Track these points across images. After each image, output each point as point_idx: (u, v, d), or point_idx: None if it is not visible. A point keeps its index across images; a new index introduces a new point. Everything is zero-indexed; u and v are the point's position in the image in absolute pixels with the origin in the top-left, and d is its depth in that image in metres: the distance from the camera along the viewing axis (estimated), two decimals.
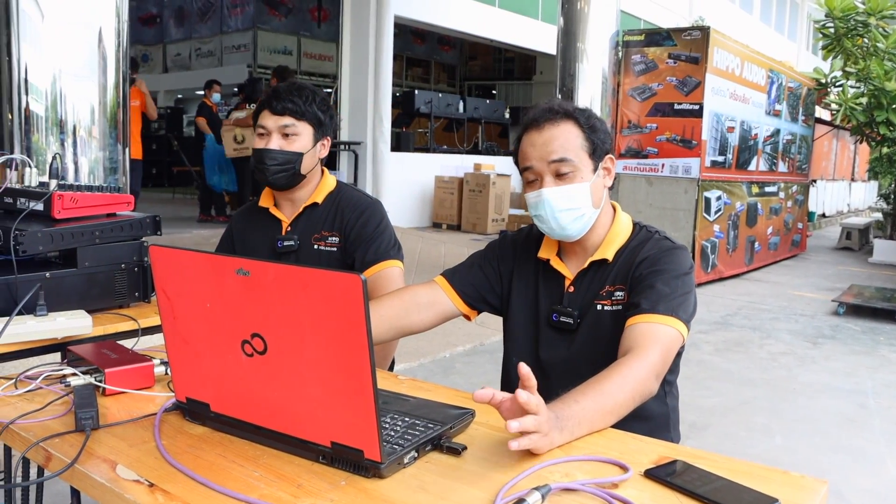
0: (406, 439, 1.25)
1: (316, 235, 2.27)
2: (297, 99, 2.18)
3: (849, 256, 12.03)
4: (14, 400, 1.50)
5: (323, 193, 2.30)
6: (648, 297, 1.61)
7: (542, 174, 1.69)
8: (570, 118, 1.71)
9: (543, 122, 1.70)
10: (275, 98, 2.19)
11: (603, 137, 1.73)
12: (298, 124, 2.19)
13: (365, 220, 2.25)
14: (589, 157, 1.70)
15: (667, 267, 1.67)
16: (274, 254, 2.27)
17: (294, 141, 2.20)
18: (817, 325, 6.76)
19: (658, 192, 8.25)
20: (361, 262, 2.21)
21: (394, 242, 2.27)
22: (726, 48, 8.26)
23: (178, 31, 18.02)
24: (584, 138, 1.70)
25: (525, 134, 1.74)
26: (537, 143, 1.70)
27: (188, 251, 1.28)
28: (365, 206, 2.28)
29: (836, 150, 16.53)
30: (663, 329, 1.57)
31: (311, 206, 2.29)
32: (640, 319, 1.59)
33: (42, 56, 3.43)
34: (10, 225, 1.86)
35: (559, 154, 1.67)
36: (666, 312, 1.59)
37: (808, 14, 23.91)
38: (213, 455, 1.25)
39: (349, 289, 1.07)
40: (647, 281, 1.66)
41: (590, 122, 1.72)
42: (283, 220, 2.30)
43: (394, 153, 10.93)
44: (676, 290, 1.63)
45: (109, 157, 3.65)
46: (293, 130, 2.19)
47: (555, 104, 1.73)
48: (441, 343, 5.27)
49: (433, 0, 11.96)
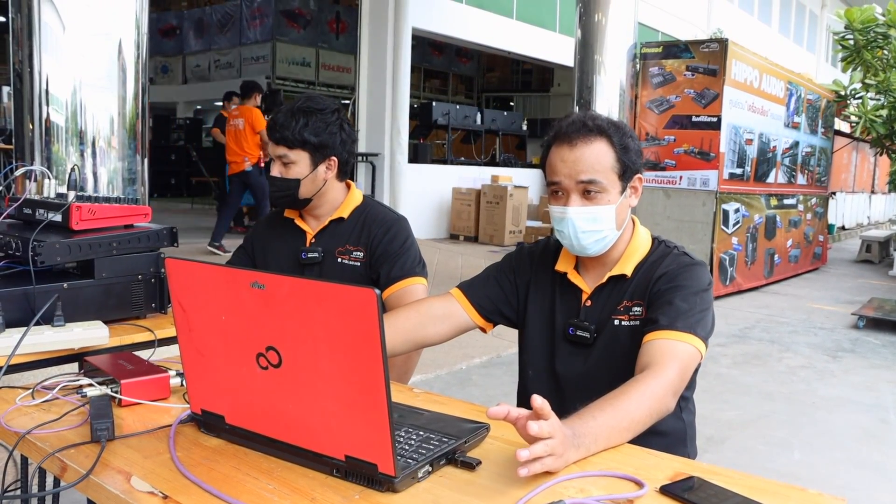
0: (420, 453, 1.24)
1: (340, 249, 2.27)
2: (289, 129, 2.19)
3: (869, 269, 11.92)
4: (31, 410, 1.51)
5: (349, 208, 2.31)
6: (667, 314, 1.60)
7: (569, 191, 1.67)
8: (603, 135, 1.67)
9: (576, 139, 1.66)
10: (271, 126, 2.23)
11: (634, 158, 1.70)
12: (291, 153, 2.21)
13: (391, 237, 2.25)
14: (618, 178, 1.68)
15: (685, 283, 1.66)
16: (297, 265, 2.28)
17: (291, 168, 2.22)
18: (837, 338, 6.70)
19: (676, 205, 8.22)
20: (387, 277, 2.21)
21: (419, 260, 2.27)
22: (745, 60, 8.23)
23: (197, 43, 18.18)
24: (615, 159, 1.67)
25: (555, 145, 1.70)
26: (568, 159, 1.66)
27: (204, 264, 1.29)
28: (391, 222, 2.29)
29: (855, 162, 16.40)
30: (681, 346, 1.55)
31: (337, 220, 2.30)
32: (659, 336, 1.57)
33: (63, 67, 3.47)
34: (29, 235, 1.88)
35: (588, 175, 1.65)
36: (684, 329, 1.57)
37: (827, 26, 23.79)
38: (227, 467, 1.25)
39: (363, 303, 1.07)
40: (666, 297, 1.64)
41: (623, 142, 1.68)
42: (307, 232, 2.31)
43: (411, 165, 10.95)
44: (695, 307, 1.62)
45: (128, 167, 3.67)
46: (287, 159, 2.21)
47: (589, 118, 1.69)
48: (458, 355, 5.25)
49: (451, 12, 12.00)
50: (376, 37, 10.76)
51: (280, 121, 2.20)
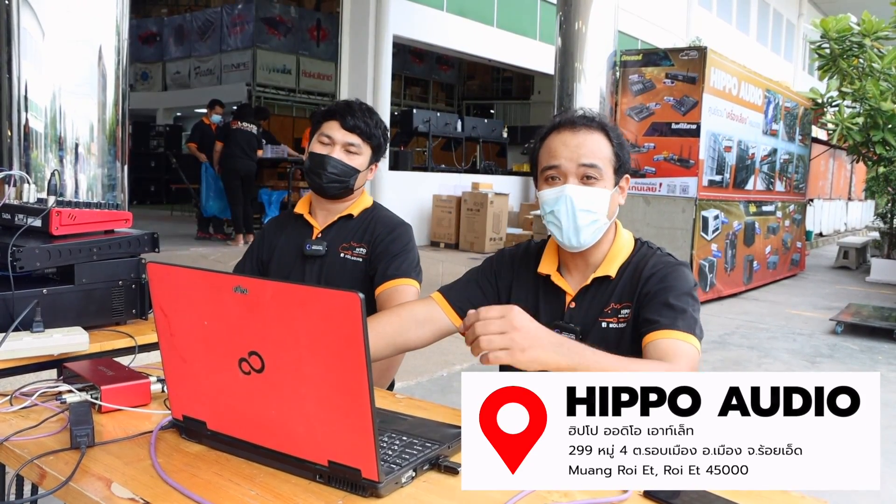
0: (404, 458, 1.24)
1: (344, 245, 2.30)
2: (369, 120, 2.25)
3: (846, 275, 12.03)
4: (9, 417, 1.49)
5: (359, 208, 2.35)
6: (665, 314, 1.61)
7: (567, 174, 1.69)
8: (603, 130, 1.73)
9: (579, 126, 1.71)
10: (349, 113, 2.24)
11: (627, 157, 1.75)
12: (363, 145, 2.26)
13: (394, 238, 2.29)
14: (613, 171, 1.72)
15: (675, 283, 1.67)
16: (300, 256, 2.30)
17: (354, 158, 2.26)
18: (815, 344, 6.75)
19: (656, 212, 8.27)
20: (382, 274, 2.23)
21: (416, 264, 2.29)
22: (723, 68, 8.30)
23: (177, 50, 18.08)
24: (612, 152, 1.72)
25: (556, 132, 1.73)
26: (570, 143, 1.69)
27: (185, 268, 1.28)
28: (396, 225, 2.33)
29: (832, 169, 16.57)
30: (686, 346, 1.57)
31: (346, 217, 2.33)
32: (662, 335, 1.58)
33: (42, 73, 3.45)
34: (8, 241, 1.86)
35: (590, 159, 1.68)
36: (685, 329, 1.59)
37: (804, 35, 24.03)
38: (209, 473, 1.24)
39: (347, 307, 1.07)
40: (660, 297, 1.65)
41: (619, 140, 1.74)
42: (315, 227, 2.34)
43: (392, 172, 10.96)
44: (689, 307, 1.64)
45: (108, 173, 3.65)
46: (357, 150, 2.25)
47: (590, 112, 1.76)
48: (439, 362, 5.25)
49: (432, 20, 12.03)
50: (357, 44, 10.76)
51: (356, 110, 2.25)
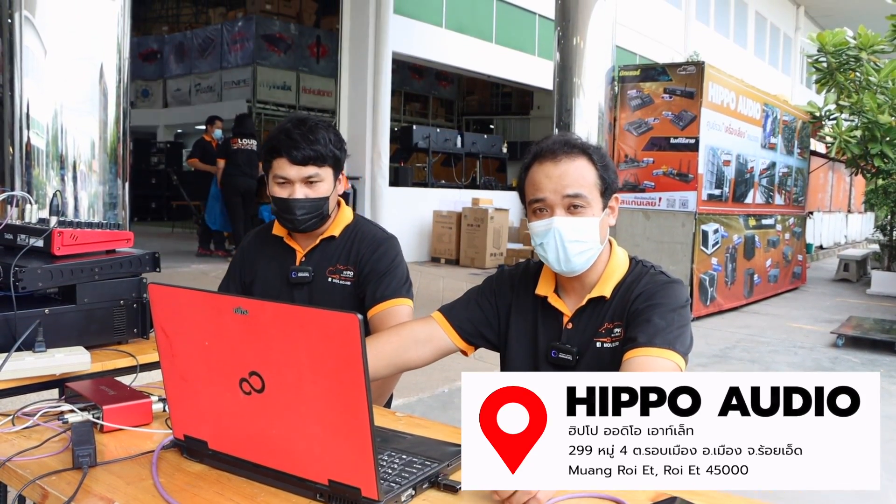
0: (403, 477, 1.25)
1: (331, 268, 2.23)
2: (317, 145, 2.09)
3: (847, 288, 12.03)
4: (11, 437, 1.50)
5: (340, 226, 2.27)
6: (645, 331, 1.62)
7: (553, 206, 1.69)
8: (585, 154, 1.71)
9: (560, 155, 1.69)
10: (293, 147, 2.08)
11: (613, 177, 1.74)
12: (321, 171, 2.12)
13: (379, 256, 2.23)
14: (600, 195, 1.71)
15: (662, 301, 1.68)
16: (287, 284, 2.24)
17: (318, 187, 2.13)
18: (816, 357, 6.75)
19: (655, 226, 8.28)
20: (372, 297, 2.18)
21: (405, 280, 2.24)
22: (721, 83, 8.34)
23: (178, 67, 18.15)
24: (597, 176, 1.70)
25: (537, 163, 1.72)
26: (553, 175, 1.68)
27: (187, 289, 1.29)
28: (381, 241, 2.26)
29: (832, 182, 16.60)
30: (661, 362, 1.57)
31: (328, 239, 2.25)
32: (638, 353, 1.59)
33: (44, 91, 3.47)
34: (10, 261, 1.87)
35: (574, 189, 1.67)
36: (663, 346, 1.59)
37: (801, 49, 24.17)
38: (210, 493, 1.25)
39: (346, 328, 1.08)
40: (644, 315, 1.66)
41: (603, 161, 1.72)
42: (297, 251, 2.26)
43: (392, 188, 10.96)
44: (673, 324, 1.64)
45: (109, 191, 3.67)
46: (317, 177, 2.12)
47: (571, 138, 1.73)
48: (439, 378, 5.25)
49: (431, 36, 12.07)
50: (357, 61, 10.80)
51: (299, 140, 2.07)
